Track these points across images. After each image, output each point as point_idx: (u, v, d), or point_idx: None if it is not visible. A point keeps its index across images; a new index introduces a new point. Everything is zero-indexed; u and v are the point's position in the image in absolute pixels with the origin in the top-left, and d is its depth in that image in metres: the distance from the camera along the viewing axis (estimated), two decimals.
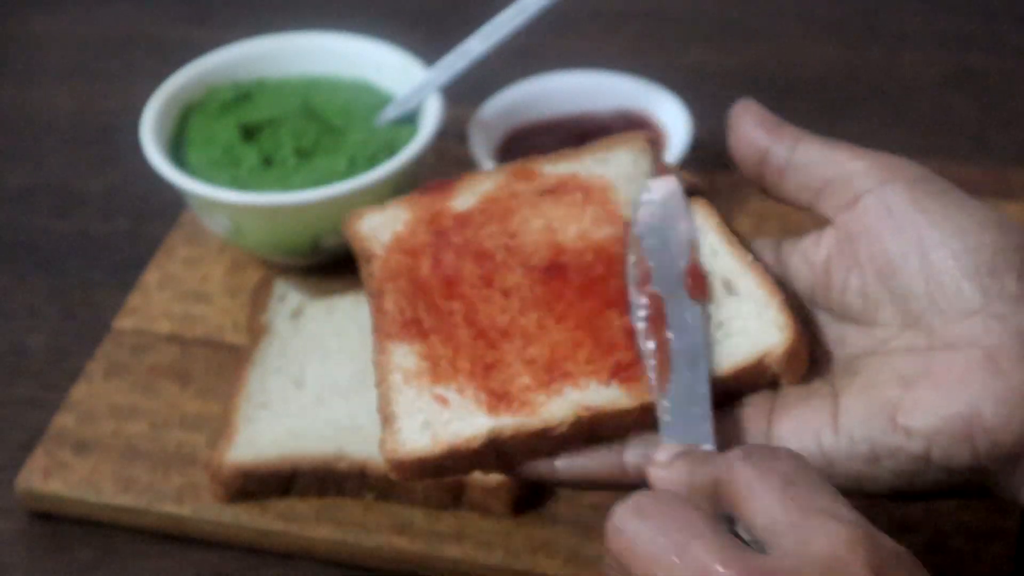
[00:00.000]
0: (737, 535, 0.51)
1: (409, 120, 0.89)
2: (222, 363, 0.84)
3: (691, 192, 0.65)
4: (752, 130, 0.64)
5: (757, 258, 0.63)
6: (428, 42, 0.96)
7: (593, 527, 0.74)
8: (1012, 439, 0.55)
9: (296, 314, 0.84)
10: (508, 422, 0.59)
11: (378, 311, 0.63)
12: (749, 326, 0.60)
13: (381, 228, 0.66)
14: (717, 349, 0.60)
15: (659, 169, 0.67)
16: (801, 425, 0.58)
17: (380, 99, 0.92)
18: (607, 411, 0.59)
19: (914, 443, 0.56)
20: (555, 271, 0.63)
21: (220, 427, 0.79)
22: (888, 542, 0.49)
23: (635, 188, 0.66)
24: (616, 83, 0.95)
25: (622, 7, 1.19)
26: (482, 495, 0.75)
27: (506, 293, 0.63)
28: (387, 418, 0.60)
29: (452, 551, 0.74)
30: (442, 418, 0.59)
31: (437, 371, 0.61)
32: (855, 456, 0.57)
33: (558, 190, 0.66)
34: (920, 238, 0.58)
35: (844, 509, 0.50)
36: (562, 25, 1.09)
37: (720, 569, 0.48)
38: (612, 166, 0.67)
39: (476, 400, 0.60)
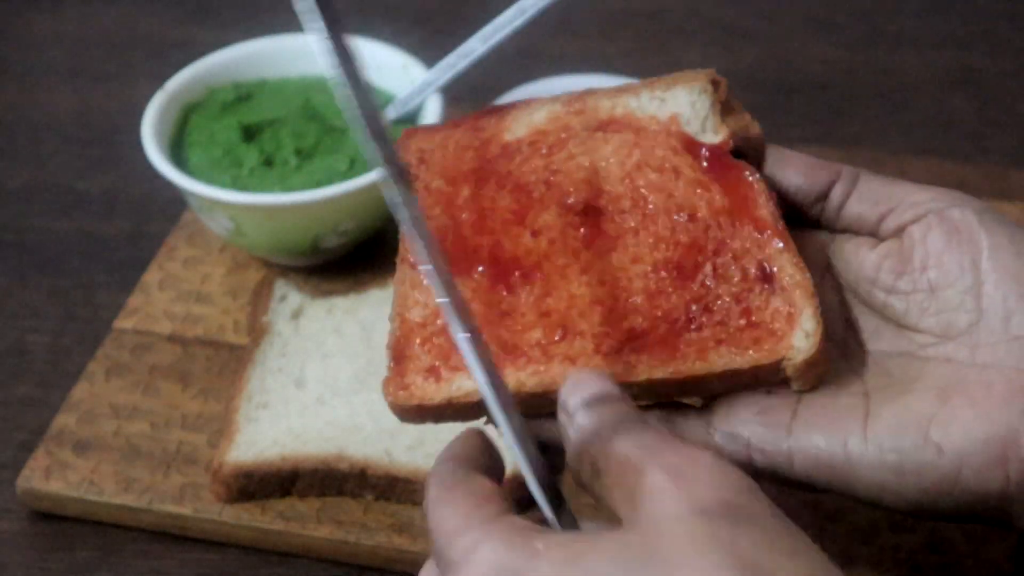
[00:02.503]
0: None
1: (409, 120, 0.89)
2: (223, 363, 0.84)
3: (740, 154, 0.63)
4: (813, 171, 0.62)
5: (800, 251, 0.60)
6: (428, 42, 0.96)
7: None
8: None
9: (296, 314, 0.84)
10: (510, 378, 0.57)
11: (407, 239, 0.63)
12: (776, 324, 0.58)
13: (430, 152, 0.65)
14: (740, 336, 0.58)
15: (723, 110, 0.64)
16: (828, 424, 0.56)
17: (380, 99, 0.92)
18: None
19: (945, 461, 0.54)
20: (589, 214, 0.62)
21: (221, 427, 0.79)
22: None
23: (693, 129, 0.63)
24: (616, 83, 0.95)
25: (622, 8, 1.19)
26: None
27: (536, 232, 0.62)
28: (396, 357, 0.59)
29: None
30: (449, 363, 0.59)
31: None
32: (882, 466, 0.55)
33: (609, 128, 0.65)
34: (979, 257, 0.58)
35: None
36: (562, 26, 1.10)
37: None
38: (669, 105, 0.65)
39: None
